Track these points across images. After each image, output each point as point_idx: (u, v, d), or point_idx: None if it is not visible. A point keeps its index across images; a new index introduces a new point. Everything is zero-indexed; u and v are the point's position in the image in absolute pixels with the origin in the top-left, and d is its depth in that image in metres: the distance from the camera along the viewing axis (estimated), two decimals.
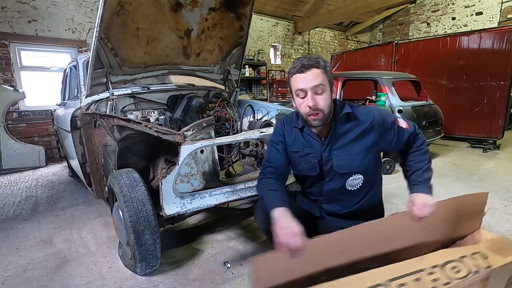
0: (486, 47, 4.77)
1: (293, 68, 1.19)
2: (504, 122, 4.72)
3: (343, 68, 6.79)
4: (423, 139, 1.31)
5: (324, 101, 1.17)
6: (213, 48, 2.62)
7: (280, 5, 7.75)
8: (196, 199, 1.65)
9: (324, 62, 1.18)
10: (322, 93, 1.16)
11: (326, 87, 1.16)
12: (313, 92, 1.15)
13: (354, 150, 1.27)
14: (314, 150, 1.32)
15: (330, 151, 1.29)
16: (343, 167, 1.28)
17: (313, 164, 1.33)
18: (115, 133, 2.00)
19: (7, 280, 1.73)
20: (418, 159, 1.27)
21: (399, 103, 3.97)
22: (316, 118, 1.18)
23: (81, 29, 5.05)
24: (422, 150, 1.29)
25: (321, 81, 1.14)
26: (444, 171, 3.71)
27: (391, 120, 1.28)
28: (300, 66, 1.15)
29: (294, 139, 1.36)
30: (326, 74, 1.16)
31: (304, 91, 1.16)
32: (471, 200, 1.20)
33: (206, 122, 1.67)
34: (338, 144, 1.28)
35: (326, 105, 1.18)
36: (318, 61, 1.16)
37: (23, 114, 4.72)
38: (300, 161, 1.36)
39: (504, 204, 2.60)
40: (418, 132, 1.31)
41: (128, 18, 1.99)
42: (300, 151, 1.35)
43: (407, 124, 1.31)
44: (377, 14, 9.39)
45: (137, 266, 1.62)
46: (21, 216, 2.69)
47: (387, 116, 1.30)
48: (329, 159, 1.29)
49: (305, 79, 1.15)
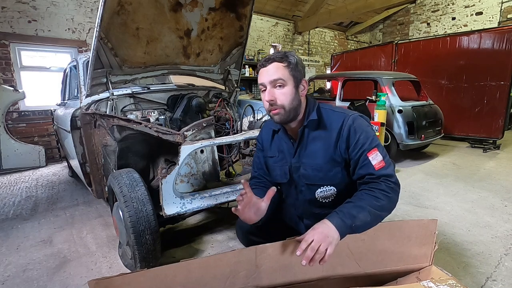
0: (486, 47, 4.78)
1: (260, 63, 1.13)
2: (504, 122, 4.73)
3: (343, 68, 6.80)
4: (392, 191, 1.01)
5: (284, 96, 1.08)
6: (213, 48, 2.62)
7: (280, 5, 7.75)
8: (196, 199, 1.65)
9: (292, 57, 1.09)
10: (282, 87, 1.08)
11: (286, 81, 1.08)
12: (272, 86, 1.09)
13: (319, 160, 1.15)
14: (285, 155, 1.24)
15: (298, 157, 1.20)
16: (308, 177, 1.18)
17: (284, 170, 1.25)
18: (115, 133, 2.00)
19: (7, 280, 1.73)
20: (365, 197, 1.01)
21: (399, 103, 3.97)
22: (276, 113, 1.11)
23: (81, 29, 5.05)
24: (379, 196, 0.99)
25: (280, 75, 1.07)
26: (444, 171, 3.71)
27: (362, 143, 1.06)
28: (263, 60, 1.11)
29: (271, 144, 1.30)
30: (289, 68, 1.08)
31: (264, 86, 1.11)
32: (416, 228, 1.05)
33: (206, 122, 1.67)
34: (307, 152, 1.17)
35: (287, 100, 1.09)
36: (283, 56, 1.09)
37: (23, 114, 4.71)
38: (275, 167, 1.29)
39: (504, 204, 2.60)
40: (391, 181, 1.03)
41: (128, 18, 1.99)
42: (275, 156, 1.28)
43: (383, 163, 1.04)
44: (377, 14, 9.39)
45: (137, 266, 1.62)
46: (21, 216, 2.69)
47: (362, 133, 1.07)
48: (298, 166, 1.20)
49: (265, 73, 1.10)
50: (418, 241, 1.06)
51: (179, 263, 0.93)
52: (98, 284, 0.83)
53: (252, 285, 1.00)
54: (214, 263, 0.96)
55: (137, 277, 0.88)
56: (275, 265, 1.01)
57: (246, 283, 0.99)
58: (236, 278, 0.98)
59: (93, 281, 0.82)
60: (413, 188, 3.06)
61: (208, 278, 0.95)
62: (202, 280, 0.95)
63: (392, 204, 1.02)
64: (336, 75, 5.07)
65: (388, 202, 1.00)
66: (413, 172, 3.71)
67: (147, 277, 0.88)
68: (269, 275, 1.00)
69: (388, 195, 1.00)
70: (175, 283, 0.92)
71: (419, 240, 1.06)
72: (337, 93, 4.65)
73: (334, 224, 0.92)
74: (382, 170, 1.03)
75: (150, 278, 0.89)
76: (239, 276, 0.98)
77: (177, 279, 0.92)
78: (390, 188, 1.02)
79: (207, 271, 0.95)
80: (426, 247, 1.07)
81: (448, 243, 1.97)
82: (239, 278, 0.98)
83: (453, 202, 2.64)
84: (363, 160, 1.06)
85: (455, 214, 2.43)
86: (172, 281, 0.91)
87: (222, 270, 0.96)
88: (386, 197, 1.00)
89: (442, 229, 2.16)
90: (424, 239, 1.06)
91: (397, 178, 1.06)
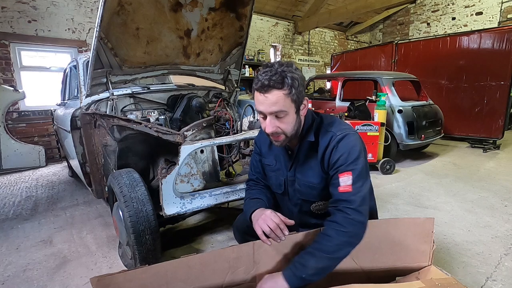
0: (486, 47, 4.78)
1: (255, 82, 1.01)
2: (504, 122, 4.73)
3: (343, 68, 6.80)
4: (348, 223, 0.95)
5: (286, 125, 1.03)
6: (213, 48, 2.62)
7: (280, 5, 7.75)
8: (196, 199, 1.65)
9: (291, 79, 0.97)
10: (284, 117, 1.01)
11: (289, 111, 1.00)
12: (273, 116, 1.01)
13: (312, 179, 1.13)
14: (282, 166, 1.21)
15: (294, 171, 1.17)
16: (303, 194, 1.17)
17: (279, 182, 1.23)
18: (115, 133, 2.00)
19: (7, 280, 1.73)
20: (319, 239, 0.98)
21: (399, 103, 3.97)
22: (278, 140, 1.06)
23: (81, 29, 5.05)
24: (330, 234, 0.95)
25: (281, 107, 0.98)
26: (444, 171, 3.71)
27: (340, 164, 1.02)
28: (260, 85, 0.98)
29: (268, 150, 1.27)
30: (291, 95, 0.98)
31: (263, 114, 1.03)
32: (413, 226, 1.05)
33: (206, 122, 1.67)
34: (302, 168, 1.15)
35: (289, 128, 1.04)
36: (281, 80, 0.96)
37: (23, 114, 4.71)
38: (271, 176, 1.27)
39: (504, 204, 2.60)
40: (350, 208, 0.96)
41: (128, 18, 1.99)
42: (272, 164, 1.25)
43: (349, 188, 0.98)
44: (377, 14, 9.39)
45: (137, 266, 1.62)
46: (21, 216, 2.69)
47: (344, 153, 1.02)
48: (293, 180, 1.18)
49: (264, 102, 0.99)
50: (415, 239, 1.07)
51: (180, 259, 0.94)
52: (100, 281, 0.83)
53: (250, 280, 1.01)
54: (213, 259, 0.97)
55: (138, 273, 0.88)
56: (272, 260, 1.04)
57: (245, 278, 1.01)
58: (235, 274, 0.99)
59: (95, 278, 0.83)
60: (413, 188, 3.07)
61: (208, 274, 0.96)
62: (202, 276, 0.96)
63: (350, 238, 0.95)
64: (336, 75, 5.07)
65: (343, 238, 0.93)
66: (413, 172, 3.71)
67: (148, 274, 0.89)
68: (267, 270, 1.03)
69: (342, 230, 0.94)
70: (176, 279, 0.93)
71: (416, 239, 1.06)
72: (337, 93, 4.65)
73: (284, 276, 0.93)
74: (344, 195, 0.98)
75: (151, 275, 0.89)
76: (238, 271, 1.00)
77: (178, 275, 0.93)
78: (346, 219, 0.95)
79: (207, 266, 0.96)
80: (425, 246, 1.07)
81: (448, 243, 1.97)
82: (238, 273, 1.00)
83: (453, 202, 2.64)
84: (334, 179, 1.03)
85: (455, 214, 2.43)
86: (173, 277, 0.92)
87: (221, 265, 0.98)
88: (339, 233, 0.94)
89: (442, 229, 2.16)
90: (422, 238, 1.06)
91: (361, 207, 0.97)
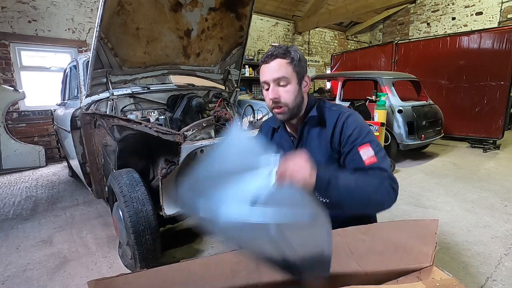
0: (486, 47, 4.78)
1: (261, 60, 1.10)
2: (504, 122, 4.73)
3: (343, 68, 6.80)
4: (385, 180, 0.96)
5: (287, 94, 1.07)
6: (213, 48, 2.62)
7: (280, 5, 7.75)
8: None
9: (294, 52, 1.06)
10: (286, 85, 1.06)
11: (290, 79, 1.06)
12: (276, 83, 1.06)
13: (318, 158, 1.10)
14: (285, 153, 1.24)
15: None
16: None
17: None
18: (115, 133, 1.99)
19: (7, 280, 1.73)
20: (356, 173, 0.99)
21: (399, 103, 3.97)
22: (280, 111, 1.10)
23: (81, 29, 5.05)
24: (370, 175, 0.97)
25: (283, 73, 1.04)
26: (444, 171, 3.71)
27: (354, 138, 1.05)
28: (265, 56, 1.07)
29: (270, 142, 1.28)
30: (293, 65, 1.05)
31: (267, 83, 1.08)
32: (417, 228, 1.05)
33: (206, 122, 1.67)
34: (307, 149, 1.13)
35: (290, 98, 1.07)
36: (286, 51, 1.05)
37: (23, 114, 4.71)
38: None
39: (504, 204, 2.60)
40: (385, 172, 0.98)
41: (128, 18, 1.99)
42: None
43: (374, 159, 1.00)
44: (377, 14, 9.39)
45: (137, 266, 1.62)
46: (21, 216, 2.69)
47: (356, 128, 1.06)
48: None
49: (268, 70, 1.06)
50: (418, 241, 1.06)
51: (180, 263, 0.92)
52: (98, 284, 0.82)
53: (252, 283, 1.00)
54: (214, 263, 0.96)
55: (137, 277, 0.87)
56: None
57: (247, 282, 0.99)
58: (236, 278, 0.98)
59: (92, 281, 0.82)
60: (413, 188, 3.07)
61: (209, 278, 0.95)
62: (203, 280, 0.94)
63: (384, 190, 0.95)
64: (336, 75, 5.07)
65: (379, 185, 0.94)
66: (413, 172, 3.71)
67: (147, 278, 0.88)
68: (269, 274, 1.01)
69: (381, 180, 0.95)
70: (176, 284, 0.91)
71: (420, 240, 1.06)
72: (337, 93, 4.65)
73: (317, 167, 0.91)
74: (374, 165, 1.00)
75: (150, 279, 0.88)
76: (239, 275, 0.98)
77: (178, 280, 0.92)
78: (383, 177, 0.96)
79: (208, 271, 0.95)
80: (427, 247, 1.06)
81: (448, 243, 1.97)
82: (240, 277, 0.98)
83: (453, 202, 2.64)
84: (353, 154, 1.04)
85: (455, 214, 2.43)
86: (173, 281, 0.91)
87: (223, 270, 0.96)
88: (378, 180, 0.95)
89: (442, 229, 2.16)
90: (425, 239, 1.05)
91: (393, 175, 1.00)
